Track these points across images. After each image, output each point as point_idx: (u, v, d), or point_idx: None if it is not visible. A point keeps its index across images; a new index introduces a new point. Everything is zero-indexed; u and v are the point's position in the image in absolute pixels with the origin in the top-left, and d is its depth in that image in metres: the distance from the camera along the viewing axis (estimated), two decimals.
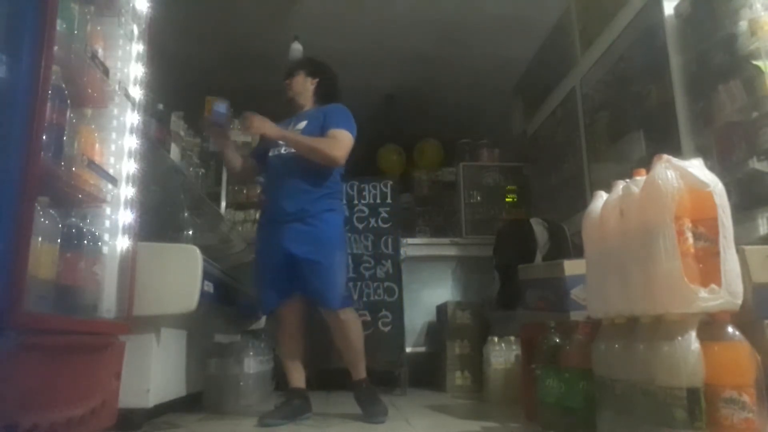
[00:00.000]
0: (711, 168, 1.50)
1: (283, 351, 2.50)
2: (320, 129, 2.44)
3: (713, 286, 1.34)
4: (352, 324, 2.40)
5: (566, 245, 3.20)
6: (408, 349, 3.61)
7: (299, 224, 2.35)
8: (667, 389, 1.33)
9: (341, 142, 2.40)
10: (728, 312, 1.36)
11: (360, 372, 2.41)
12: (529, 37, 4.39)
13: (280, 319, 2.45)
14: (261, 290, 2.44)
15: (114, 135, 1.93)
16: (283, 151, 2.46)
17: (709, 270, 1.37)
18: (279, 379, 3.42)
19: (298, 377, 2.45)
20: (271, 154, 2.50)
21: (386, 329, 3.35)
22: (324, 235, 2.37)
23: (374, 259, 3.60)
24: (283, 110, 2.67)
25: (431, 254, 4.19)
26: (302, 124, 2.50)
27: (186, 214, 2.66)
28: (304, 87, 2.62)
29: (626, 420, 1.47)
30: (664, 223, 1.39)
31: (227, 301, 2.66)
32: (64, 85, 1.51)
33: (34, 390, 1.31)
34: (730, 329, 1.36)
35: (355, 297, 3.46)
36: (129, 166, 1.94)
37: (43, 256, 1.39)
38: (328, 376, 3.26)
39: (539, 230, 3.29)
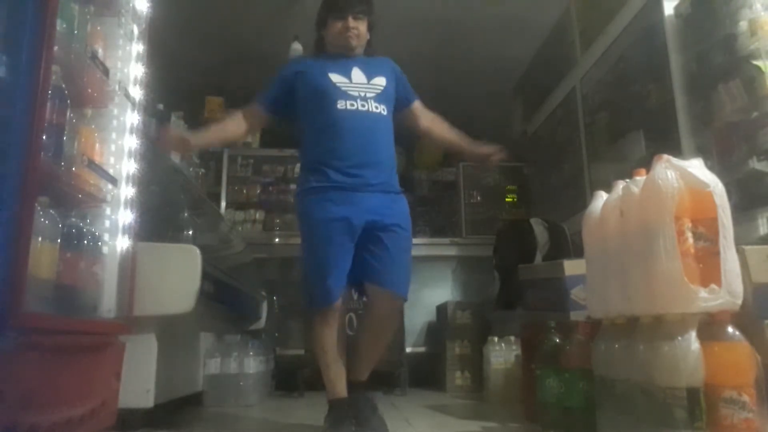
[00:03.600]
0: (711, 168, 1.50)
1: (331, 354, 2.00)
2: (394, 89, 2.17)
3: (713, 286, 1.34)
4: (397, 320, 2.16)
5: (566, 245, 3.20)
6: (408, 349, 3.62)
7: (382, 195, 2.02)
8: (667, 389, 1.33)
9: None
10: (728, 312, 1.36)
11: (366, 373, 2.12)
12: (529, 37, 4.39)
13: (335, 313, 2.00)
14: (332, 271, 1.96)
15: (114, 135, 1.93)
16: (361, 106, 2.02)
17: (709, 270, 1.37)
18: (279, 379, 3.44)
19: (344, 384, 2.04)
20: (341, 106, 2.01)
21: None
22: (406, 213, 2.10)
23: None
24: None
25: (431, 254, 4.19)
26: (382, 80, 2.11)
27: (186, 214, 2.66)
28: (364, 37, 2.18)
29: (626, 420, 1.47)
30: (664, 223, 1.39)
31: (227, 301, 2.66)
32: (64, 85, 1.51)
33: (34, 390, 1.31)
34: (730, 329, 1.36)
35: (355, 297, 3.45)
36: (129, 166, 1.94)
37: (43, 256, 1.39)
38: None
39: (539, 230, 3.29)
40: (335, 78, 2.05)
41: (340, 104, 2.02)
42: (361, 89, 2.06)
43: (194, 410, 2.55)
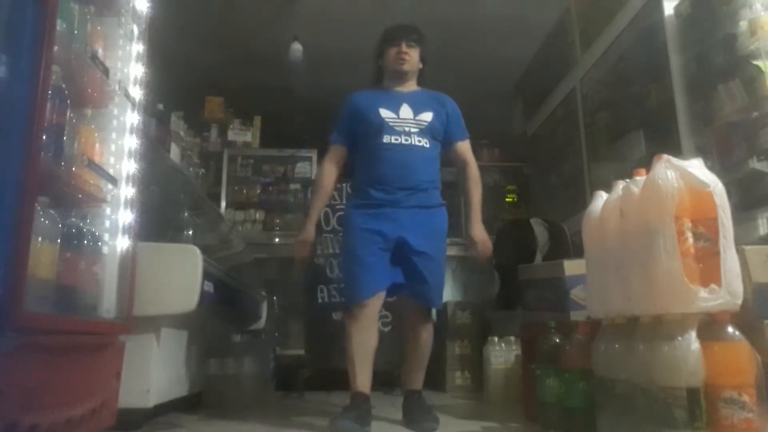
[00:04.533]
0: (711, 168, 1.50)
1: (356, 349, 2.16)
2: (443, 125, 2.34)
3: (713, 286, 1.34)
4: (432, 331, 2.30)
5: (566, 245, 3.20)
6: None
7: (418, 210, 2.23)
8: (667, 389, 1.33)
9: (473, 159, 2.45)
10: (728, 312, 1.36)
11: (419, 382, 2.31)
12: (529, 37, 4.39)
13: (363, 311, 2.17)
14: (363, 273, 2.16)
15: (114, 135, 1.93)
16: (404, 140, 2.25)
17: (709, 270, 1.38)
18: (279, 379, 3.44)
19: (366, 382, 2.17)
20: (386, 140, 2.24)
21: (386, 329, 3.34)
22: (440, 230, 2.29)
23: None
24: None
25: None
26: (428, 116, 2.30)
27: (186, 214, 2.66)
28: (416, 64, 2.39)
29: (626, 420, 1.47)
30: (664, 223, 1.39)
31: (227, 301, 2.66)
32: (64, 85, 1.51)
33: (34, 390, 1.31)
34: (730, 329, 1.36)
35: None
36: (129, 166, 1.94)
37: (43, 256, 1.39)
38: (328, 377, 3.27)
39: (539, 230, 3.29)
40: (384, 113, 2.28)
41: (386, 138, 2.25)
42: (406, 125, 2.28)
43: (194, 410, 2.55)
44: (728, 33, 2.34)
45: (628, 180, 1.61)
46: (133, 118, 1.97)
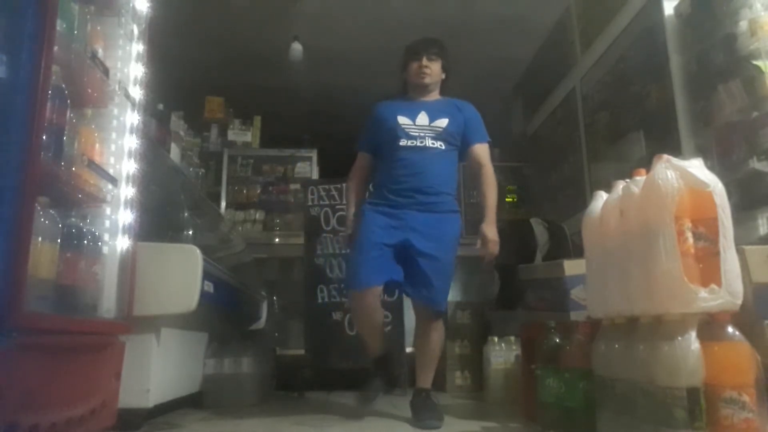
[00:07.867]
0: (711, 168, 1.50)
1: (362, 328, 2.44)
2: (460, 129, 2.45)
3: (713, 286, 1.34)
4: (441, 330, 2.37)
5: (566, 245, 3.20)
6: (408, 349, 3.60)
7: (429, 214, 2.32)
8: (667, 389, 1.33)
9: (490, 161, 2.50)
10: (728, 312, 1.36)
11: (427, 380, 2.36)
12: (529, 37, 4.39)
13: (361, 300, 2.29)
14: (363, 265, 2.28)
15: (114, 135, 1.93)
16: (419, 143, 2.37)
17: (709, 270, 1.38)
18: (279, 379, 3.44)
19: (375, 348, 2.46)
20: (402, 144, 2.38)
21: (386, 329, 3.34)
22: (447, 234, 2.36)
23: None
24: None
25: None
26: (443, 122, 2.41)
27: (186, 214, 2.66)
28: (438, 77, 2.53)
29: (626, 420, 1.47)
30: (664, 223, 1.39)
31: (227, 301, 2.66)
32: (64, 85, 1.51)
33: (34, 390, 1.31)
34: (730, 329, 1.36)
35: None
36: (129, 166, 1.94)
37: (43, 256, 1.39)
38: (328, 377, 3.27)
39: (539, 230, 3.29)
40: (402, 120, 2.43)
41: (402, 142, 2.38)
42: (422, 130, 2.40)
43: (194, 410, 2.55)
44: (728, 33, 2.35)
45: (628, 180, 1.61)
46: (133, 118, 1.97)
